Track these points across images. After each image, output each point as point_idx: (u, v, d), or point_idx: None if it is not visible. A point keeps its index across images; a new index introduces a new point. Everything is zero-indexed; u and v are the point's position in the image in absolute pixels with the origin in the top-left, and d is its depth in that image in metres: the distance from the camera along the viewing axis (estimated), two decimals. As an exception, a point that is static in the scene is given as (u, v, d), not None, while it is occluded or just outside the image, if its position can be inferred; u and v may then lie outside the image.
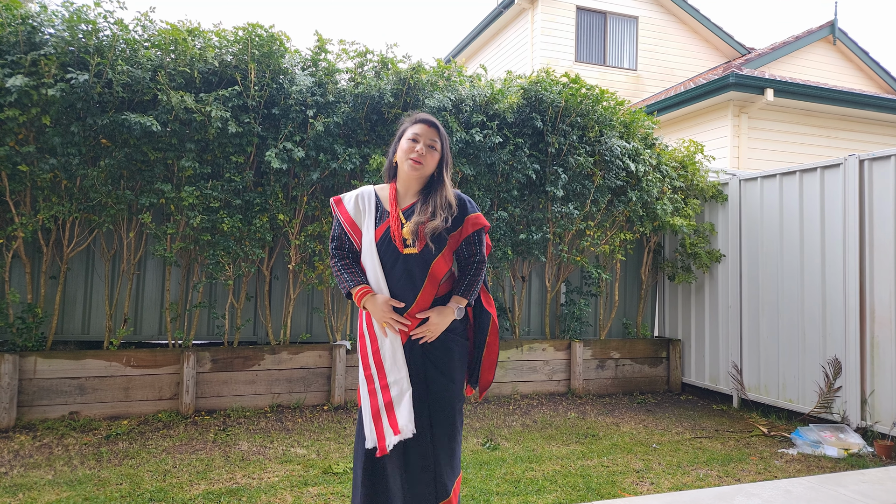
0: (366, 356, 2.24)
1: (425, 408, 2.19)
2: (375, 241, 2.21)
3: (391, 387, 2.16)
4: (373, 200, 2.30)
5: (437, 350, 2.23)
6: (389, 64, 4.76)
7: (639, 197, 5.54)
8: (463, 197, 2.31)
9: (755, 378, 5.40)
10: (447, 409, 2.21)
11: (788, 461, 4.05)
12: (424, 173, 2.23)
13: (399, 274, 2.19)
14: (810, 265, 4.95)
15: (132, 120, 3.90)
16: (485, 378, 2.40)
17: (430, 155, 2.21)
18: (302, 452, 3.80)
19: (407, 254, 2.18)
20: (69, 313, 4.63)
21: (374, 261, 2.21)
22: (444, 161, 2.26)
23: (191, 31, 4.31)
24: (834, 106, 8.77)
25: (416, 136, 2.21)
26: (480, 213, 2.31)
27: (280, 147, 4.42)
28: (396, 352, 2.18)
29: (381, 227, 2.23)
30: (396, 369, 2.17)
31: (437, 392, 2.22)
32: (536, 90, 5.09)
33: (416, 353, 2.21)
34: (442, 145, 2.25)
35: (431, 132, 2.23)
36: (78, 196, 4.18)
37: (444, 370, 2.23)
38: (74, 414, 4.26)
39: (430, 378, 2.22)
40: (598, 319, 6.12)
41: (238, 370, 4.70)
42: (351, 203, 2.31)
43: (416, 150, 2.19)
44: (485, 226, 2.31)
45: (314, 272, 4.83)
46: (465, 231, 2.27)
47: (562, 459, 3.88)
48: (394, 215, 2.23)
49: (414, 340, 2.21)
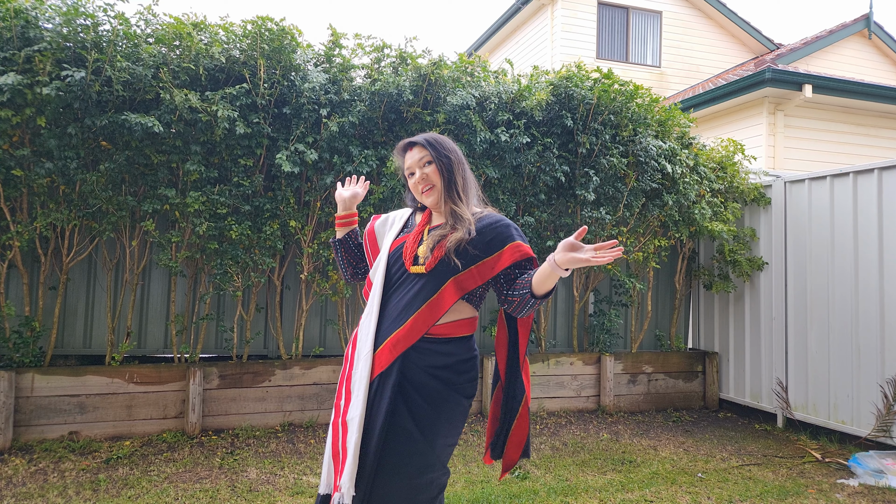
0: (341, 382, 1.89)
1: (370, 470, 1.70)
2: (389, 251, 1.96)
3: (348, 425, 1.75)
4: (406, 217, 2.07)
5: (423, 399, 1.78)
6: (408, 59, 4.43)
7: (675, 200, 5.15)
8: (505, 220, 1.92)
9: (802, 396, 4.99)
10: (407, 481, 1.71)
11: (851, 494, 3.65)
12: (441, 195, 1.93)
13: (400, 295, 1.85)
14: (866, 275, 4.54)
15: (133, 120, 3.61)
16: (510, 456, 2.00)
17: (432, 171, 1.92)
18: (315, 482, 3.48)
19: (413, 272, 1.84)
20: (69, 326, 4.36)
21: (380, 272, 1.92)
22: (444, 168, 1.91)
23: (196, 25, 4.02)
24: (874, 102, 8.29)
25: (408, 168, 1.97)
26: (525, 243, 1.88)
27: (291, 149, 4.11)
28: (362, 384, 1.78)
29: (399, 239, 1.98)
30: (356, 404, 1.76)
31: (399, 452, 1.71)
32: (566, 86, 4.73)
33: (384, 395, 1.76)
34: (433, 154, 1.91)
35: (417, 152, 1.94)
36: (77, 202, 3.91)
37: (424, 426, 1.75)
38: (74, 434, 3.99)
39: (398, 431, 1.73)
40: (628, 331, 5.74)
41: (247, 386, 4.40)
42: (382, 217, 2.12)
43: (417, 181, 1.93)
44: (532, 257, 1.87)
45: (328, 282, 4.52)
46: (505, 258, 1.83)
47: (599, 492, 3.52)
48: (417, 231, 1.95)
49: (387, 375, 1.78)
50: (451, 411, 1.81)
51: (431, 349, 1.82)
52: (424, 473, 1.74)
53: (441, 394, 1.80)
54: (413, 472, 1.73)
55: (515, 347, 2.01)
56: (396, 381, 1.77)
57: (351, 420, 1.75)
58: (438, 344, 1.83)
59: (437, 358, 1.83)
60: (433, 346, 1.82)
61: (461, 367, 1.86)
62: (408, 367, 1.80)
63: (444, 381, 1.81)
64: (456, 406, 1.83)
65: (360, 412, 1.74)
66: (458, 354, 1.86)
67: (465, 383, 1.86)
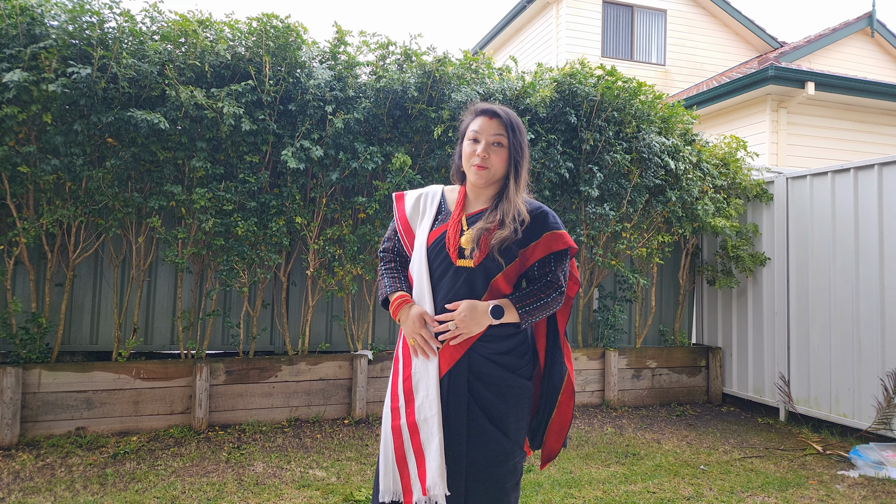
0: (395, 383, 1.83)
1: (461, 469, 1.71)
2: (427, 246, 1.84)
3: (420, 427, 1.73)
4: (436, 201, 1.94)
5: (488, 389, 1.77)
6: (413, 56, 4.45)
7: (678, 196, 5.17)
8: (544, 208, 1.88)
9: (804, 390, 5.01)
10: (492, 472, 1.72)
11: (851, 485, 3.67)
12: (493, 177, 1.83)
13: (447, 290, 1.79)
14: (867, 270, 4.56)
15: (139, 117, 3.63)
16: (551, 445, 1.93)
17: (497, 155, 1.81)
18: (321, 475, 3.51)
19: (460, 266, 1.78)
20: (76, 322, 4.39)
21: (422, 269, 1.83)
22: (516, 159, 1.83)
23: (202, 23, 4.04)
24: (876, 100, 8.30)
25: (476, 134, 1.83)
26: (565, 232, 1.85)
27: (297, 145, 4.13)
28: (431, 382, 1.74)
29: (437, 229, 1.86)
30: (428, 404, 1.73)
31: (479, 447, 1.72)
32: (570, 83, 4.75)
33: (458, 392, 1.75)
34: (511, 139, 1.82)
35: (495, 125, 1.82)
36: (83, 199, 3.93)
37: (496, 418, 1.75)
38: (81, 430, 4.02)
39: (473, 427, 1.73)
40: (632, 326, 5.76)
41: (254, 382, 4.42)
42: (411, 201, 1.97)
43: (478, 154, 1.80)
44: (570, 247, 1.84)
45: (334, 278, 4.54)
46: (538, 250, 1.81)
47: (603, 484, 3.54)
48: (455, 219, 1.84)
49: (456, 373, 1.76)
50: (518, 396, 1.80)
51: (494, 334, 1.79)
52: (506, 462, 1.75)
53: (506, 381, 1.78)
54: (494, 463, 1.73)
55: (555, 329, 1.95)
56: (466, 377, 1.76)
57: (424, 421, 1.72)
58: (499, 328, 1.79)
59: (501, 343, 1.80)
60: (495, 331, 1.79)
61: (522, 350, 1.85)
62: (473, 358, 1.78)
63: (507, 366, 1.79)
64: (521, 391, 1.81)
65: (436, 411, 1.71)
66: (517, 335, 1.84)
67: (526, 365, 1.85)
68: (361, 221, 4.64)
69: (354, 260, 4.49)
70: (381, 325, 5.06)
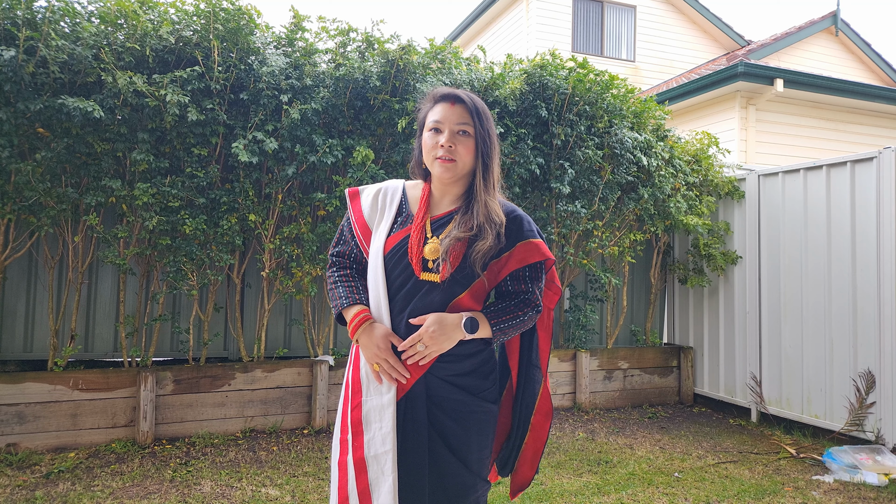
0: (345, 412, 1.60)
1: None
2: (384, 254, 1.60)
3: (369, 464, 1.51)
4: (396, 200, 1.68)
5: (447, 415, 1.56)
6: (376, 43, 4.20)
7: (651, 194, 5.04)
8: (518, 212, 1.63)
9: (776, 391, 4.94)
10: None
11: (827, 491, 3.58)
12: (462, 171, 1.59)
13: (405, 305, 1.56)
14: (839, 269, 4.49)
15: (71, 105, 3.30)
16: (523, 473, 1.72)
17: (464, 145, 1.57)
18: (274, 494, 3.25)
19: (424, 280, 1.55)
20: (7, 329, 4.03)
21: (378, 281, 1.59)
22: (484, 150, 1.58)
23: (143, 3, 3.72)
24: (843, 98, 8.36)
25: (437, 123, 1.59)
26: (542, 241, 1.63)
27: (249, 137, 3.84)
28: (385, 412, 1.52)
29: (396, 234, 1.62)
30: (381, 438, 1.51)
31: (438, 479, 1.54)
32: (541, 75, 4.56)
33: (416, 418, 1.54)
34: (478, 127, 1.57)
35: (458, 112, 1.58)
36: (11, 194, 3.58)
37: (455, 447, 1.55)
38: (12, 446, 3.68)
39: (432, 458, 1.53)
40: (604, 327, 5.63)
41: (205, 391, 4.13)
42: (368, 199, 1.71)
43: (441, 145, 1.56)
44: (547, 258, 1.63)
45: (292, 280, 4.27)
46: (511, 261, 1.58)
47: (575, 495, 3.37)
48: (417, 224, 1.59)
49: (414, 397, 1.55)
50: (480, 423, 1.60)
51: (453, 353, 1.57)
52: (466, 498, 1.56)
53: (467, 405, 1.58)
54: (454, 498, 1.54)
55: (530, 344, 1.74)
56: (425, 401, 1.55)
57: (374, 458, 1.51)
58: (458, 346, 1.57)
59: (461, 363, 1.59)
60: (454, 349, 1.57)
61: (486, 370, 1.64)
62: (430, 381, 1.57)
63: (468, 389, 1.59)
64: (484, 416, 1.61)
65: (391, 447, 1.50)
66: (481, 354, 1.63)
67: (490, 387, 1.65)
68: (321, 219, 4.37)
69: (314, 260, 4.22)
70: (343, 329, 4.81)
